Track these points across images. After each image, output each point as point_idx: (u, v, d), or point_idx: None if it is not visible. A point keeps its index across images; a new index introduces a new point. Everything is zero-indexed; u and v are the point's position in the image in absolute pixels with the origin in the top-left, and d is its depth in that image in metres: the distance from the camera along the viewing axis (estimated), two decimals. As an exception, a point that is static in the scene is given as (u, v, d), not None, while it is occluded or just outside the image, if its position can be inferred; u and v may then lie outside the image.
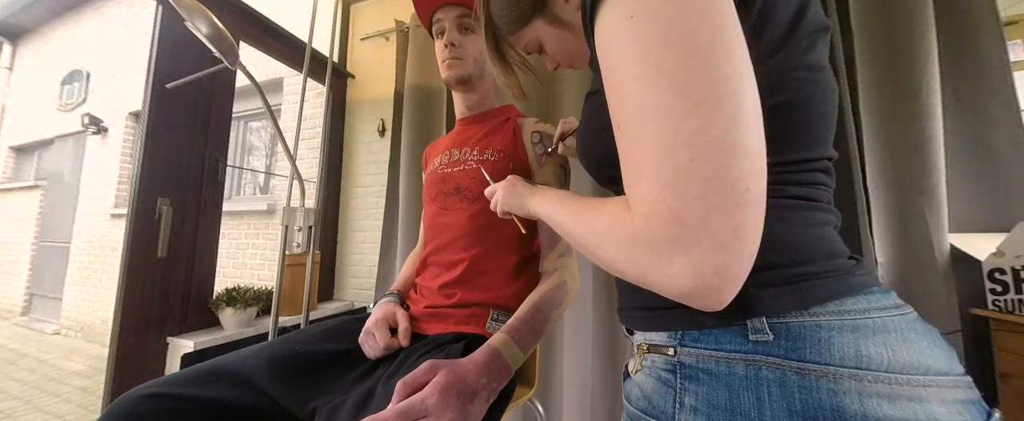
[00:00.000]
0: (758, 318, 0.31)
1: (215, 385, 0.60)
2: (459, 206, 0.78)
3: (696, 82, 0.26)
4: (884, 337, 0.30)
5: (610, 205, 0.33)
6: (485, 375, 0.53)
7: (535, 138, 0.80)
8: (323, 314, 1.72)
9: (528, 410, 1.41)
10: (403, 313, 0.73)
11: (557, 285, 0.71)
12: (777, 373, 0.30)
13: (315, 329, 0.76)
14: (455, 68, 0.79)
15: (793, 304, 0.31)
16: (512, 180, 0.62)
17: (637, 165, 0.29)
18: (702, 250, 0.25)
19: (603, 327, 1.38)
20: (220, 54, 0.94)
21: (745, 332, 0.32)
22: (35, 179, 4.42)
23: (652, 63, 0.27)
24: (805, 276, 0.32)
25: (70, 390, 2.44)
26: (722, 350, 0.32)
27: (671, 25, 0.27)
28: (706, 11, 0.27)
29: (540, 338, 0.65)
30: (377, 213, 1.87)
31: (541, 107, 1.55)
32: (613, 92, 0.31)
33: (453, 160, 0.82)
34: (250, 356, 0.65)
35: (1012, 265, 0.88)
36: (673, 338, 0.36)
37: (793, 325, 0.31)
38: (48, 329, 3.74)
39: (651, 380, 0.37)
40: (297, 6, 1.84)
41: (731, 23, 0.28)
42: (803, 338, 0.30)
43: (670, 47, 0.27)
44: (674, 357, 0.36)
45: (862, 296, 0.32)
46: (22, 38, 4.90)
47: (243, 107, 2.98)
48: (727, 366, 0.32)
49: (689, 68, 0.26)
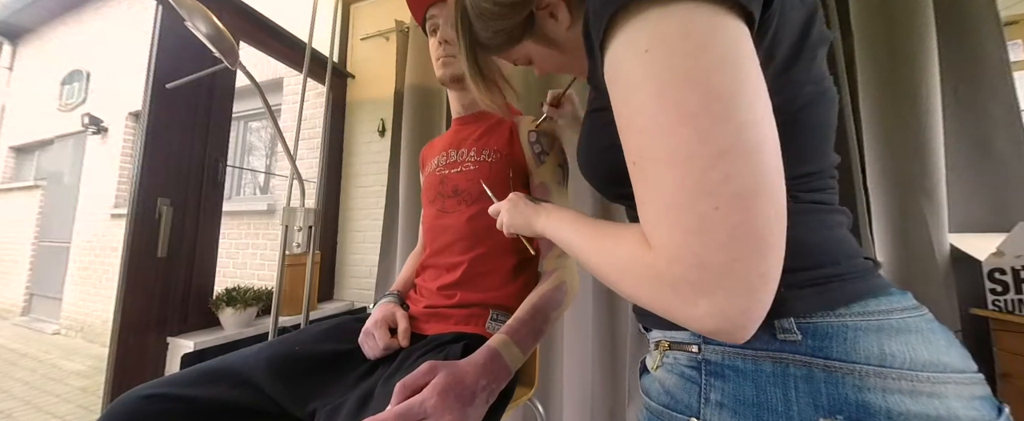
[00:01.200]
0: (786, 319, 0.32)
1: (215, 385, 0.60)
2: (457, 208, 0.77)
3: (720, 129, 0.26)
4: (905, 337, 0.31)
5: (628, 238, 0.33)
6: (484, 376, 0.53)
7: (532, 137, 0.79)
8: (323, 314, 1.72)
9: (528, 410, 1.41)
10: (402, 313, 0.73)
11: (557, 286, 0.71)
12: (804, 370, 0.31)
13: (315, 329, 0.75)
14: (450, 66, 0.78)
15: (820, 305, 0.32)
16: (515, 199, 0.60)
17: (657, 207, 0.29)
18: (727, 294, 0.26)
19: (603, 327, 1.38)
20: (220, 54, 0.94)
21: (773, 331, 0.33)
22: (35, 179, 4.42)
23: (670, 104, 0.27)
24: (830, 278, 0.33)
25: (70, 390, 2.44)
26: (749, 348, 0.33)
27: (689, 64, 0.26)
28: (725, 49, 0.27)
29: (540, 339, 0.65)
30: (377, 213, 1.87)
31: (538, 106, 1.55)
32: (627, 126, 0.30)
33: (450, 161, 0.81)
34: (250, 356, 0.65)
35: (1012, 265, 0.88)
36: (696, 336, 0.37)
37: (820, 325, 0.32)
38: (48, 329, 3.74)
39: (673, 376, 0.38)
40: (297, 6, 1.84)
41: (750, 60, 0.27)
42: (829, 337, 0.31)
43: (690, 88, 0.26)
44: (698, 354, 0.36)
45: (884, 298, 0.33)
46: (22, 38, 4.90)
47: (243, 107, 2.98)
48: (754, 363, 0.33)
49: (711, 114, 0.26)
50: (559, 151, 0.81)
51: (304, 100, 1.44)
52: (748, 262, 0.25)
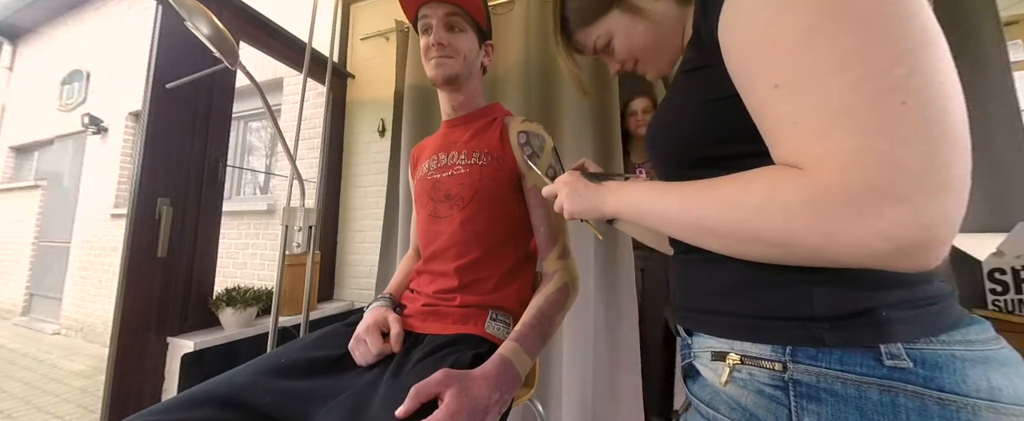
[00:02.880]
0: (894, 344, 0.30)
1: (201, 409, 0.57)
2: (450, 213, 0.76)
3: (901, 27, 0.25)
4: (1006, 370, 0.30)
5: (756, 176, 0.31)
6: (497, 389, 0.53)
7: (522, 139, 0.76)
8: (323, 314, 1.72)
9: (528, 410, 1.41)
10: (395, 317, 0.70)
11: (560, 288, 0.70)
12: (916, 401, 0.29)
13: (302, 341, 0.73)
14: (443, 67, 0.76)
15: (923, 331, 0.31)
16: (572, 182, 0.55)
17: (818, 121, 0.27)
18: (926, 197, 0.23)
19: (603, 327, 1.38)
20: (220, 54, 0.94)
21: (878, 356, 0.31)
22: (35, 179, 4.41)
23: (834, 12, 0.26)
24: (929, 300, 0.32)
25: (70, 390, 2.44)
26: (851, 372, 0.31)
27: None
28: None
29: (546, 342, 0.65)
30: (377, 213, 1.87)
31: (542, 109, 1.55)
32: (770, 49, 0.29)
33: (441, 165, 0.80)
34: (237, 375, 0.62)
35: (1012, 265, 0.88)
36: (780, 352, 0.34)
37: (928, 353, 0.30)
38: (48, 329, 3.74)
39: (750, 393, 0.36)
40: (297, 6, 1.84)
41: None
42: (939, 367, 0.30)
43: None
44: (783, 373, 0.34)
45: (976, 326, 0.32)
46: (22, 38, 4.90)
47: (243, 107, 2.98)
48: (857, 389, 0.31)
49: (886, 14, 0.25)
50: (552, 151, 0.79)
51: (304, 100, 1.44)
52: (949, 158, 0.23)
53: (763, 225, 0.30)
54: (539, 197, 0.74)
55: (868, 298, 0.31)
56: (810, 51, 0.27)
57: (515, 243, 0.78)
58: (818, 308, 0.33)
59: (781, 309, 0.34)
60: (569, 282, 0.72)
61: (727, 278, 0.39)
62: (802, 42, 0.27)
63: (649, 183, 0.43)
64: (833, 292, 0.32)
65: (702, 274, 0.42)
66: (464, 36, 0.78)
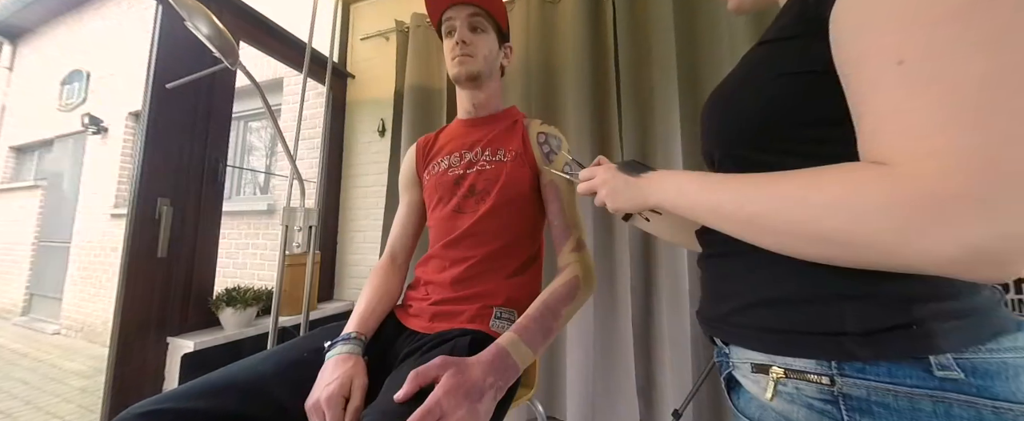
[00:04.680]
0: (943, 355, 0.30)
1: (218, 397, 0.57)
2: (474, 207, 0.79)
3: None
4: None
5: (831, 172, 0.29)
6: (491, 374, 0.55)
7: (541, 138, 0.81)
8: (323, 314, 1.72)
9: (528, 410, 1.41)
10: (361, 384, 0.60)
11: (567, 280, 0.71)
12: (971, 411, 0.28)
13: (314, 336, 0.74)
14: (466, 64, 0.80)
15: (971, 340, 0.30)
16: (610, 176, 0.53)
17: (939, 109, 0.24)
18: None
19: (603, 327, 1.38)
20: (220, 54, 0.94)
21: (928, 367, 0.30)
22: (35, 179, 4.42)
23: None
24: (973, 310, 0.31)
25: (70, 390, 2.44)
26: (901, 384, 0.30)
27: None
28: None
29: (551, 336, 0.65)
30: (377, 213, 1.87)
31: (542, 108, 1.55)
32: (895, 22, 0.26)
33: (466, 161, 0.82)
34: (256, 364, 0.64)
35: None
36: (825, 367, 0.33)
37: (978, 362, 0.29)
38: (48, 329, 3.74)
39: (799, 408, 0.35)
40: (297, 6, 1.84)
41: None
42: (991, 376, 0.29)
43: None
44: (832, 387, 0.33)
45: (1022, 332, 0.31)
46: (22, 38, 4.90)
47: (243, 107, 2.98)
48: (909, 401, 0.30)
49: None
50: (567, 151, 0.82)
51: (304, 100, 1.44)
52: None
53: (833, 227, 0.28)
54: (555, 192, 0.79)
55: (916, 310, 0.31)
56: (958, 23, 0.23)
57: (531, 239, 0.81)
58: (853, 323, 0.32)
59: (818, 324, 0.34)
60: (580, 275, 0.72)
61: (764, 290, 0.38)
62: (954, 13, 0.23)
63: (697, 174, 0.40)
64: (873, 306, 0.32)
65: (737, 283, 0.41)
66: (486, 37, 0.82)
